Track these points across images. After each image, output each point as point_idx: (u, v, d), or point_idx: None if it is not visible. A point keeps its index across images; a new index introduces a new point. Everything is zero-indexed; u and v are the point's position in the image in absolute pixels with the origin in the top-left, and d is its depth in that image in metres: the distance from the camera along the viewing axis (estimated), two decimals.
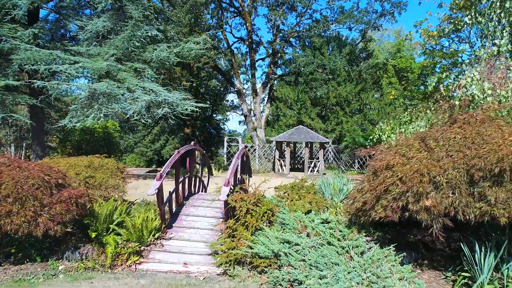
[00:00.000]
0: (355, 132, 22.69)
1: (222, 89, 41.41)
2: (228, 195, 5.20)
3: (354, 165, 19.53)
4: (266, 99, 28.07)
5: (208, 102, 43.12)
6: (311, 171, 16.76)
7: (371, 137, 6.49)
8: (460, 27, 17.43)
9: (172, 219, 6.22)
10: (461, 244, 4.66)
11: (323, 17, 25.37)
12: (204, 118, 42.65)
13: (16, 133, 27.17)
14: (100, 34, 13.77)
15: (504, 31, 8.25)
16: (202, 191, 8.02)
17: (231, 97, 62.90)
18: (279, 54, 26.17)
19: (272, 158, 19.76)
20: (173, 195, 6.24)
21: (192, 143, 5.82)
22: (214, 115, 48.06)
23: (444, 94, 7.04)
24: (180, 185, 6.23)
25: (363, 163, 19.00)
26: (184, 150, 5.67)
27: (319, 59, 23.62)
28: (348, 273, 4.38)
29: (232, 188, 5.68)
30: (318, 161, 17.12)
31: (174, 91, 14.19)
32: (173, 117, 12.68)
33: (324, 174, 17.72)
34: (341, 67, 24.43)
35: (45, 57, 12.12)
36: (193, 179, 6.85)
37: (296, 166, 20.01)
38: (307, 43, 27.05)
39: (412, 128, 7.15)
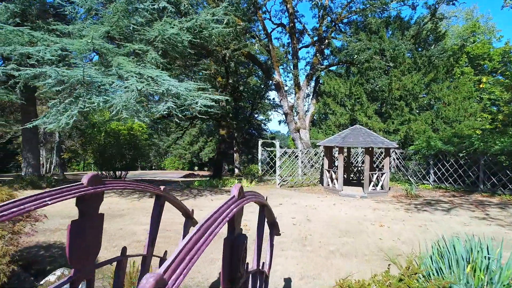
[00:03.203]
0: (426, 133, 17.83)
1: (262, 86, 37.77)
2: None
3: (429, 177, 14.80)
4: (311, 94, 23.86)
5: (248, 101, 39.86)
6: (373, 187, 12.39)
7: None
8: None
9: None
10: None
11: None
12: (244, 118, 39.35)
13: (40, 135, 25.45)
14: (93, 9, 10.66)
15: None
16: None
17: (273, 95, 59.21)
18: (326, 41, 21.84)
19: (319, 165, 15.61)
20: None
21: (86, 180, 1.91)
22: (256, 115, 44.60)
23: None
24: None
25: (442, 174, 14.24)
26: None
27: (376, 43, 19.02)
28: None
29: None
30: (382, 173, 12.72)
31: (189, 81, 10.66)
32: (180, 116, 9.06)
33: (389, 189, 13.30)
34: (405, 53, 19.62)
35: (14, 37, 9.13)
36: None
37: (350, 178, 15.66)
38: (360, 27, 22.46)
39: None
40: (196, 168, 53.60)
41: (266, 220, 2.74)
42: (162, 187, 2.69)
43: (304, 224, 7.42)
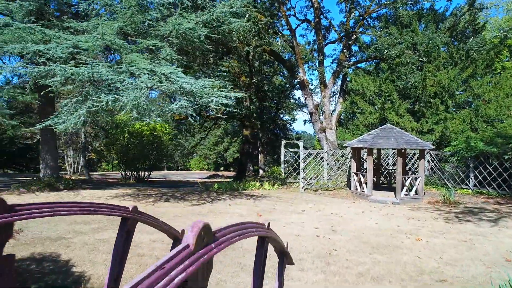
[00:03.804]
0: (465, 133, 16.41)
1: (287, 85, 36.88)
2: None
3: (468, 181, 13.49)
4: (337, 92, 22.79)
5: (273, 101, 39.07)
6: (406, 193, 11.32)
7: None
8: None
9: None
10: None
11: None
12: (268, 118, 38.61)
13: (66, 136, 25.86)
14: (108, 5, 10.29)
15: None
16: None
17: (298, 94, 58.01)
18: (354, 36, 20.72)
19: (346, 168, 14.62)
20: None
21: None
22: (281, 115, 43.70)
23: None
24: None
25: (483, 178, 12.91)
26: None
27: (408, 37, 17.75)
28: None
29: None
30: (416, 177, 11.61)
31: (205, 79, 10.06)
32: (194, 115, 8.45)
33: (424, 194, 12.16)
34: (440, 46, 18.22)
35: (26, 35, 8.86)
36: None
37: (380, 181, 14.57)
38: (390, 21, 21.18)
39: None
40: (221, 168, 53.45)
41: (269, 247, 2.02)
42: (130, 207, 2.02)
43: (328, 236, 6.59)
